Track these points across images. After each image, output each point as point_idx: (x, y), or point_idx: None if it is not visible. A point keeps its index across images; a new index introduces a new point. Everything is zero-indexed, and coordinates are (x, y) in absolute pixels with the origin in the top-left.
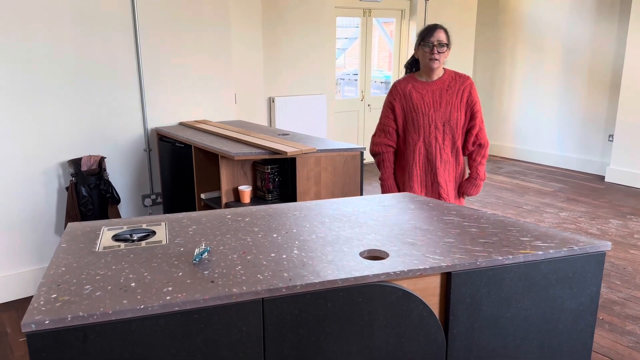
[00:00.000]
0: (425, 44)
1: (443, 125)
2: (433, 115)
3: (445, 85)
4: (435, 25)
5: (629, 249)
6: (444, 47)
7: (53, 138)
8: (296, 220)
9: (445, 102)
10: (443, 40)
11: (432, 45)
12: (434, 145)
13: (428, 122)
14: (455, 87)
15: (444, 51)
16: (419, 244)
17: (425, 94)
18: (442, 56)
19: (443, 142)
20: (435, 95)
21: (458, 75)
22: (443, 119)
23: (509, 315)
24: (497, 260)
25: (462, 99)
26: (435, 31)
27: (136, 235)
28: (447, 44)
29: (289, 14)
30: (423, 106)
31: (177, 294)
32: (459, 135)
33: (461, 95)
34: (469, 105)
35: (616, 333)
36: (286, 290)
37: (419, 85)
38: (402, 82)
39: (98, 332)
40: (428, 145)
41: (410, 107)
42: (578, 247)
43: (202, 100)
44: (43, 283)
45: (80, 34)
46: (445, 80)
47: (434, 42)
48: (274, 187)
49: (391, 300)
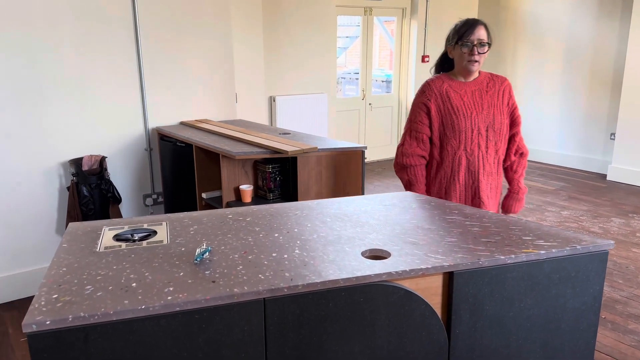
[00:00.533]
0: (464, 44)
1: (486, 130)
2: (476, 118)
3: (484, 86)
4: (475, 20)
5: (631, 247)
6: (485, 47)
7: (54, 138)
8: (297, 220)
9: (488, 104)
10: (484, 39)
11: (471, 45)
12: (477, 154)
13: (470, 125)
14: (494, 88)
15: (485, 51)
16: (421, 243)
17: (463, 95)
18: (483, 57)
19: (486, 150)
20: (475, 96)
21: (494, 76)
22: (486, 122)
23: (512, 314)
24: (499, 260)
25: (504, 101)
26: (475, 28)
27: (137, 235)
28: (489, 43)
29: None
30: (464, 107)
31: (179, 294)
32: (501, 143)
33: (502, 96)
34: (511, 109)
35: (619, 332)
36: (288, 290)
37: (456, 85)
38: (437, 81)
39: (99, 333)
40: (470, 153)
41: (448, 108)
42: (580, 246)
43: (203, 100)
44: (44, 283)
45: (81, 34)
46: (483, 81)
47: (474, 41)
48: (275, 186)
49: (393, 300)
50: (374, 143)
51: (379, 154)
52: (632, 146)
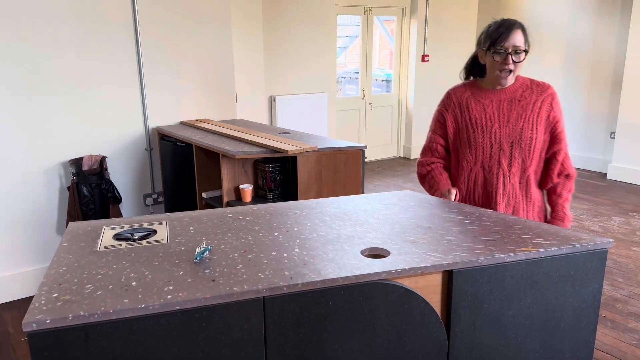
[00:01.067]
0: (496, 51)
1: (511, 146)
2: (498, 132)
3: (518, 95)
4: (511, 23)
5: (631, 246)
6: (522, 55)
7: (54, 137)
8: (297, 219)
9: (516, 116)
10: (520, 46)
11: (505, 53)
12: (497, 172)
13: (490, 140)
14: (530, 97)
15: (521, 59)
16: (420, 242)
17: (488, 105)
18: (519, 66)
19: (509, 169)
20: (502, 106)
21: (535, 83)
22: (511, 137)
23: (511, 313)
24: (498, 258)
25: (540, 113)
26: (511, 33)
27: (137, 235)
28: (526, 50)
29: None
30: (484, 120)
31: (178, 293)
32: (531, 162)
33: (539, 108)
34: (551, 123)
35: (619, 330)
36: (287, 289)
37: (481, 94)
38: (459, 89)
39: (99, 332)
40: (488, 171)
41: (466, 120)
42: (580, 244)
43: (203, 99)
44: (44, 282)
45: (81, 34)
46: (518, 89)
47: (509, 48)
48: (275, 185)
49: (392, 299)
50: (374, 142)
51: (379, 153)
52: (632, 145)
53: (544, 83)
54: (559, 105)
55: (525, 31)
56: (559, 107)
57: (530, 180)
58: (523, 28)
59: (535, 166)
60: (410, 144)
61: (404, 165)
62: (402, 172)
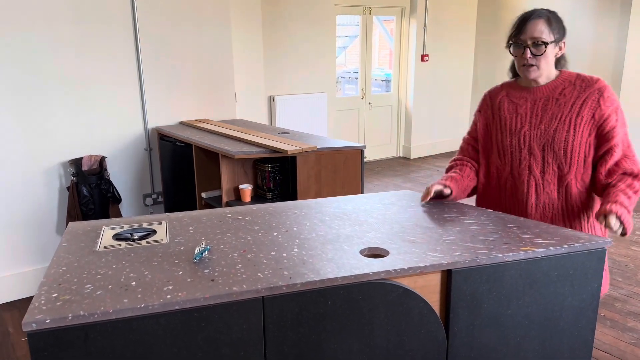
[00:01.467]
0: (515, 44)
1: (542, 149)
2: (527, 133)
3: (556, 93)
4: (532, 12)
5: (630, 245)
6: (542, 47)
7: (54, 138)
8: (296, 219)
9: (550, 116)
10: (540, 37)
11: (522, 46)
12: (527, 179)
13: (518, 144)
14: (571, 95)
15: (541, 52)
16: (419, 241)
17: (521, 105)
18: (542, 60)
19: (542, 175)
20: (537, 106)
21: (581, 78)
22: (543, 140)
23: (510, 312)
24: (497, 258)
25: (582, 112)
26: (528, 23)
27: (137, 235)
28: (551, 41)
29: (289, 13)
30: (514, 121)
31: (178, 293)
32: (569, 168)
33: (579, 107)
34: (597, 122)
35: (618, 330)
36: (286, 289)
37: (516, 93)
38: (495, 90)
39: (99, 331)
40: (517, 178)
41: (496, 122)
42: (578, 244)
43: (202, 99)
44: (44, 282)
45: (80, 34)
46: (558, 86)
47: (527, 40)
48: (274, 185)
49: (391, 298)
50: (373, 142)
51: (378, 153)
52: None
53: (592, 77)
54: (610, 101)
55: (551, 20)
56: (610, 103)
57: (572, 189)
58: (548, 17)
59: (577, 173)
60: (409, 144)
61: (404, 165)
62: (401, 171)
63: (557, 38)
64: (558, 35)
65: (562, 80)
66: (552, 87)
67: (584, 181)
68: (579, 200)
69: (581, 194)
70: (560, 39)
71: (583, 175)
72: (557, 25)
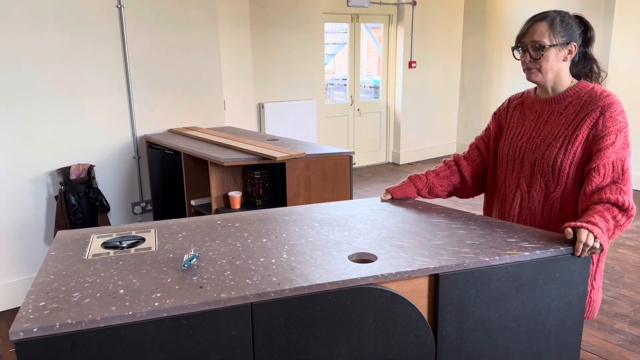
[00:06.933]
0: (517, 48)
1: (533, 164)
2: (524, 146)
3: (562, 106)
4: (535, 16)
5: (617, 248)
6: (540, 52)
7: (41, 147)
8: (286, 225)
9: (549, 131)
10: (539, 40)
11: (523, 50)
12: (514, 191)
13: (514, 155)
14: (574, 109)
15: (539, 56)
16: (407, 246)
17: (530, 116)
18: (544, 63)
19: (529, 190)
20: (540, 118)
21: (589, 93)
22: (535, 155)
23: (497, 315)
24: (484, 262)
25: (577, 131)
26: (530, 26)
27: (125, 242)
28: (552, 44)
29: (278, 21)
30: (518, 132)
31: (166, 300)
32: (556, 186)
33: (577, 124)
34: (591, 142)
35: (605, 331)
36: (275, 295)
37: (531, 102)
38: (515, 96)
39: (87, 339)
40: (507, 187)
41: (505, 130)
42: (564, 247)
43: (191, 107)
44: (31, 291)
45: (67, 42)
46: (566, 99)
47: (527, 44)
48: (264, 192)
49: (380, 303)
50: (363, 148)
51: (368, 159)
52: None
53: (602, 92)
54: (612, 121)
55: (555, 23)
56: (611, 123)
57: (557, 209)
58: (553, 19)
59: (564, 193)
60: (398, 150)
61: (393, 171)
62: (391, 177)
63: (562, 41)
64: (564, 39)
65: (572, 92)
66: (560, 99)
67: (574, 205)
68: (563, 223)
69: (567, 217)
70: (568, 43)
71: (574, 198)
72: (564, 28)
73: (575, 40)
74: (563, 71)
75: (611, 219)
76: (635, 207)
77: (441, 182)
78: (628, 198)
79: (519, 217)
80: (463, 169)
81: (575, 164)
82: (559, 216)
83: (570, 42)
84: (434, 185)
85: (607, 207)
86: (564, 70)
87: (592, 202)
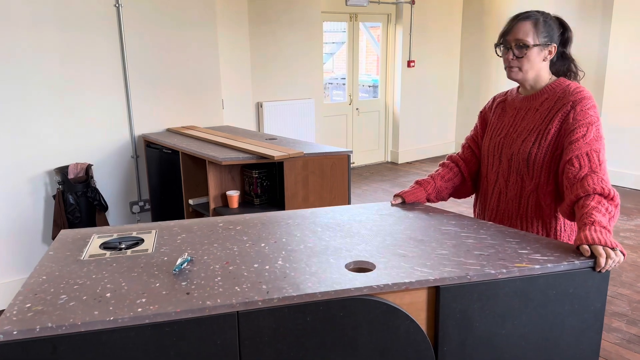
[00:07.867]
0: (499, 45)
1: (510, 159)
2: (502, 141)
3: (539, 102)
4: (519, 14)
5: None
6: (524, 50)
7: (39, 146)
8: (288, 229)
9: (524, 127)
10: (523, 39)
11: (506, 48)
12: (493, 185)
13: (493, 150)
14: (548, 105)
15: (523, 55)
16: (410, 255)
17: (510, 113)
18: (525, 62)
19: (506, 184)
20: (519, 114)
21: (564, 89)
22: (511, 150)
23: (504, 332)
24: (489, 274)
25: (550, 126)
26: (514, 25)
27: (124, 243)
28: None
29: (276, 20)
30: (498, 128)
31: (150, 306)
32: (531, 180)
33: (550, 119)
34: (563, 135)
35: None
36: (262, 304)
37: (512, 100)
38: (500, 94)
39: (67, 344)
40: (488, 182)
41: (488, 126)
42: (579, 261)
43: (189, 106)
44: (21, 292)
45: (65, 41)
46: (542, 95)
47: (511, 42)
48: (262, 191)
49: (375, 315)
50: (361, 148)
51: (366, 158)
52: (615, 148)
53: (576, 88)
54: (583, 114)
55: (539, 23)
56: (582, 116)
57: (533, 203)
58: (537, 19)
59: (540, 187)
60: (397, 149)
61: (391, 170)
62: (389, 177)
63: (544, 42)
64: (546, 39)
65: (549, 89)
66: (537, 96)
67: (550, 197)
68: (539, 215)
69: (543, 210)
70: (549, 43)
71: (547, 191)
72: (546, 28)
73: (555, 41)
74: (543, 70)
75: (606, 213)
76: (618, 195)
77: (447, 185)
78: (609, 186)
79: (497, 210)
80: (463, 170)
81: (549, 158)
82: (535, 209)
83: (551, 42)
84: (441, 189)
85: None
86: (544, 70)
87: (577, 196)
